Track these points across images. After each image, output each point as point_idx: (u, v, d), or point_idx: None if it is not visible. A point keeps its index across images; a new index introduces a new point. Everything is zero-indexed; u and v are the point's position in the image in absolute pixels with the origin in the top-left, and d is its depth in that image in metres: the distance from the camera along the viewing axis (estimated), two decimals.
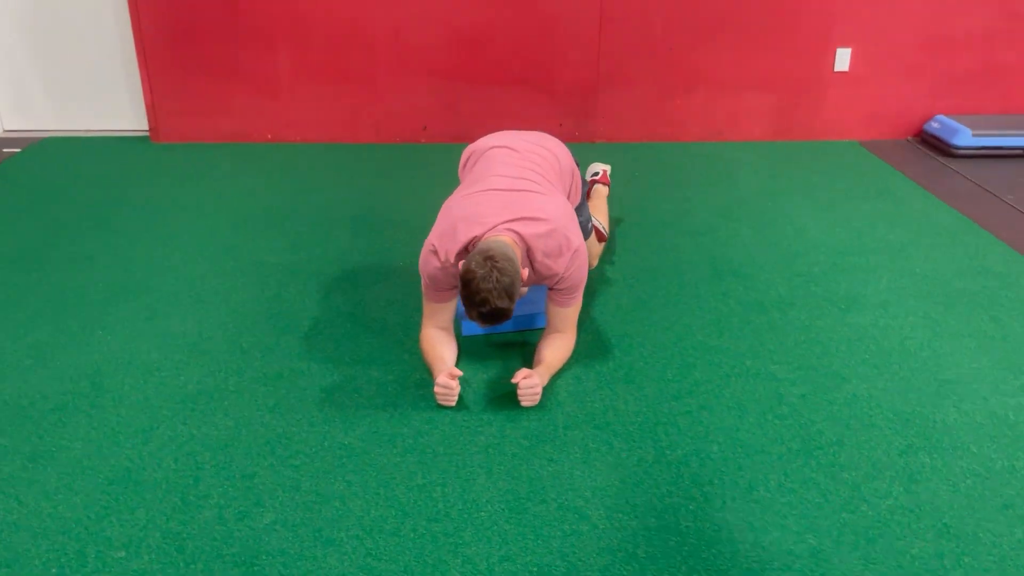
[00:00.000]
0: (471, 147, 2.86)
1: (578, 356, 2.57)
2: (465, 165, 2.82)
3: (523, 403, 2.35)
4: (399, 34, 4.50)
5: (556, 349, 2.50)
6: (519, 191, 2.49)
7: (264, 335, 2.72)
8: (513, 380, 2.33)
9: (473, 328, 2.73)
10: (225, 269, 3.18)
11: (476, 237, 2.36)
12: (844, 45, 4.59)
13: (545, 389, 2.39)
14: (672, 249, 3.37)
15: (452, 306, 2.57)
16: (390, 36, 4.51)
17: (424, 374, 2.51)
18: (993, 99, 4.75)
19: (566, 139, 4.69)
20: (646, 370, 2.53)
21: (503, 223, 2.36)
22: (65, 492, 2.03)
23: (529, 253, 2.38)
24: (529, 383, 2.33)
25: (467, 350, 2.62)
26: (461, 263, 2.30)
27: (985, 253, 3.34)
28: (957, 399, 2.38)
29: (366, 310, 2.88)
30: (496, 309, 2.20)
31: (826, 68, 4.65)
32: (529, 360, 2.57)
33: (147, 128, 4.76)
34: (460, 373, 2.34)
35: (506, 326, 2.75)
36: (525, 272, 2.31)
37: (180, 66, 4.54)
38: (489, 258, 2.18)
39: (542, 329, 2.72)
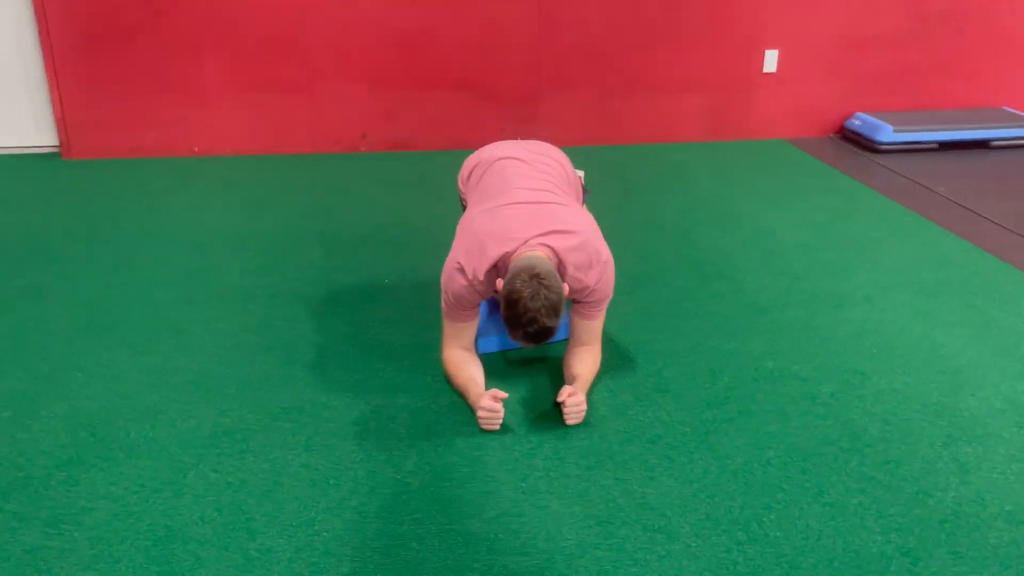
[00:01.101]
0: (473, 159, 2.76)
1: (603, 368, 2.52)
2: (469, 178, 2.72)
3: (569, 421, 2.29)
4: (335, 39, 4.32)
5: (586, 363, 2.45)
6: (544, 203, 2.43)
7: (267, 366, 2.54)
8: (559, 399, 2.27)
9: (490, 345, 2.64)
10: (197, 296, 2.95)
11: (507, 253, 2.28)
12: (772, 47, 4.75)
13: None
14: (653, 254, 3.38)
15: (475, 325, 2.48)
16: (326, 41, 4.32)
17: (453, 397, 2.40)
18: (905, 96, 5.03)
19: None
20: (675, 379, 2.52)
21: (534, 238, 2.29)
22: (106, 560, 1.81)
23: (560, 267, 2.32)
24: (575, 400, 2.27)
25: (488, 369, 2.53)
26: (499, 282, 2.22)
27: (939, 244, 3.52)
28: (972, 388, 2.49)
29: (367, 332, 2.74)
30: (544, 328, 2.13)
31: (755, 69, 4.79)
32: (556, 375, 2.51)
33: (56, 143, 4.38)
34: (505, 395, 2.25)
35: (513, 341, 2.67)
36: (566, 287, 2.25)
37: (94, 75, 4.20)
38: (535, 276, 2.11)
39: (557, 342, 2.67)
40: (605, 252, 2.38)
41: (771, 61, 4.78)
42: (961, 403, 2.42)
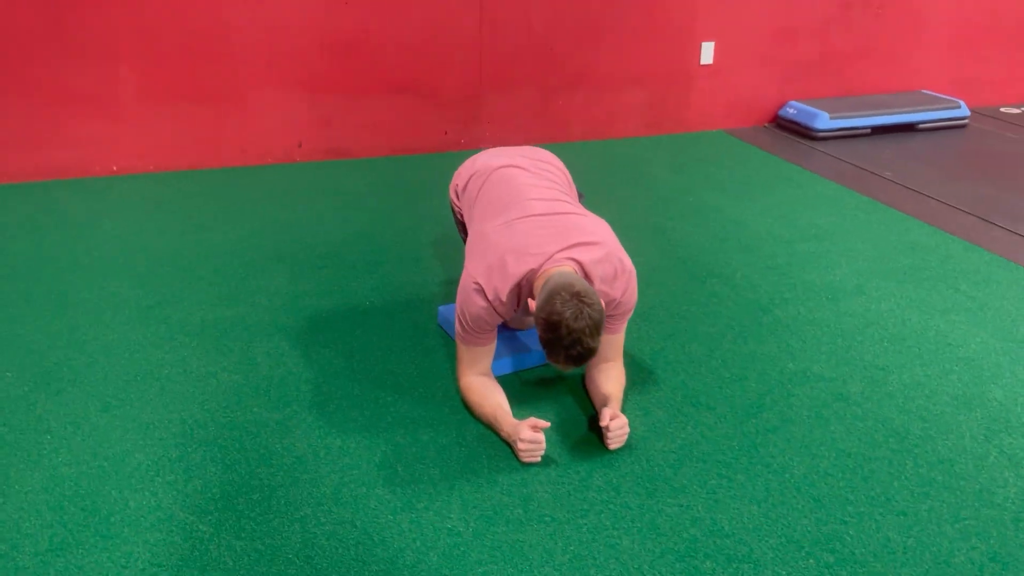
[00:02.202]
0: (467, 168, 2.58)
1: (626, 383, 2.39)
2: (466, 189, 2.54)
3: (612, 446, 2.15)
4: (265, 44, 4.02)
5: (614, 380, 2.31)
6: (561, 214, 2.27)
7: (262, 410, 2.29)
8: (602, 423, 2.12)
9: (502, 367, 2.47)
10: (159, 335, 2.65)
11: (532, 270, 2.12)
12: (708, 39, 4.73)
13: None
14: (637, 254, 3.21)
15: (493, 349, 2.31)
16: (255, 46, 4.01)
17: (479, 428, 2.22)
18: (832, 83, 5.11)
19: (452, 148, 4.49)
20: (704, 389, 2.41)
21: (559, 252, 2.14)
22: None
23: (587, 281, 2.17)
24: (620, 424, 2.13)
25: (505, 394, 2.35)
26: (531, 302, 2.06)
27: (904, 229, 3.56)
28: (992, 377, 2.49)
29: (363, 363, 2.52)
30: (588, 350, 1.98)
31: (693, 62, 4.76)
32: (578, 394, 2.37)
33: None
34: (546, 424, 2.09)
35: (531, 359, 2.52)
36: (604, 303, 2.11)
37: None
38: (575, 295, 1.96)
39: None
40: (628, 261, 2.25)
41: (708, 53, 4.76)
42: (988, 393, 2.41)
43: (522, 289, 2.16)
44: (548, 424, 2.08)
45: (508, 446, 2.15)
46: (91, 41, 3.78)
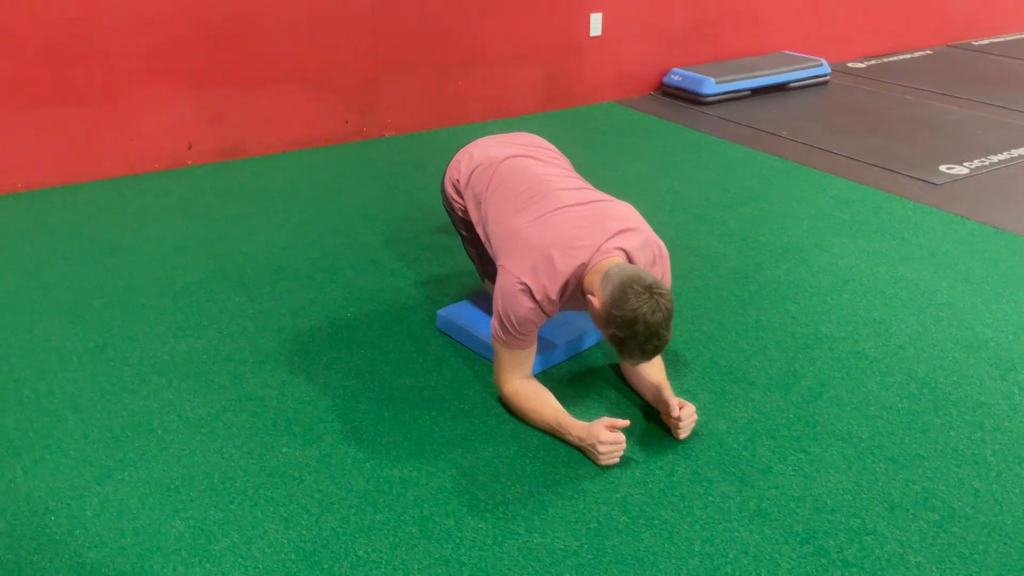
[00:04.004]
0: (466, 161, 2.42)
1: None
2: (469, 184, 2.37)
3: (683, 435, 2.09)
4: (141, 35, 3.58)
5: (658, 367, 2.25)
6: (591, 202, 2.18)
7: (295, 448, 2.04)
8: (673, 414, 2.05)
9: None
10: (127, 379, 2.31)
11: (583, 264, 2.02)
12: (596, 10, 4.71)
13: None
14: None
15: (534, 350, 2.18)
16: (130, 38, 3.57)
17: (537, 435, 2.09)
18: (706, 49, 5.26)
19: (354, 137, 4.23)
20: (733, 364, 2.40)
21: (605, 242, 2.05)
22: None
23: None
24: (690, 412, 2.08)
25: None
26: (592, 299, 1.95)
27: (827, 185, 3.72)
28: (973, 318, 2.64)
29: (378, 382, 2.31)
30: (663, 342, 1.91)
31: (582, 34, 4.74)
32: (618, 386, 2.29)
33: None
34: (626, 423, 1.99)
35: (558, 355, 2.41)
36: None
37: None
38: (648, 288, 1.87)
39: (589, 349, 2.45)
40: (662, 244, 2.20)
41: (596, 24, 4.74)
42: (981, 335, 2.55)
43: (570, 285, 2.05)
44: (627, 422, 1.99)
45: (577, 450, 2.03)
46: None
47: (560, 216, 2.11)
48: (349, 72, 4.11)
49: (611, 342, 1.94)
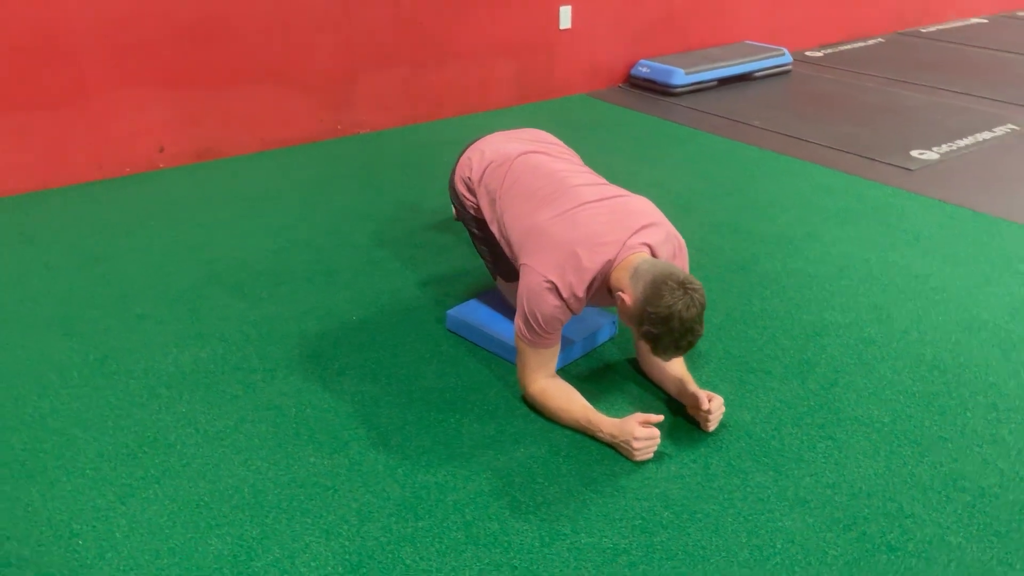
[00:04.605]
0: (477, 160, 2.39)
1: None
2: (482, 182, 2.34)
3: (712, 427, 2.10)
4: (111, 36, 3.46)
5: (679, 360, 2.25)
6: (610, 198, 2.18)
7: (321, 458, 2.00)
8: (703, 407, 2.06)
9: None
10: (135, 391, 2.23)
11: (609, 261, 2.01)
12: (565, 3, 4.71)
13: None
14: None
15: (559, 348, 2.16)
16: (100, 39, 3.44)
17: (567, 434, 2.08)
18: (671, 41, 5.30)
19: (329, 136, 4.17)
20: (748, 354, 2.42)
21: (630, 238, 2.04)
22: None
23: None
24: (719, 404, 2.09)
25: None
26: (622, 296, 1.94)
27: (808, 173, 3.77)
28: (967, 299, 2.71)
29: (397, 386, 2.27)
30: (697, 338, 1.92)
31: (552, 27, 4.73)
32: (635, 378, 2.31)
33: None
34: (660, 418, 1.99)
35: (576, 352, 2.40)
36: None
37: None
38: (681, 283, 1.88)
39: (602, 345, 2.45)
40: (680, 237, 2.20)
41: (566, 18, 4.73)
42: (978, 316, 2.61)
43: (596, 282, 2.04)
44: (660, 417, 1.99)
45: (609, 447, 2.03)
46: None
47: (582, 213, 2.09)
48: (323, 69, 4.03)
49: (644, 339, 1.93)
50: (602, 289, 2.06)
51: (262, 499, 1.86)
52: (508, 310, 2.49)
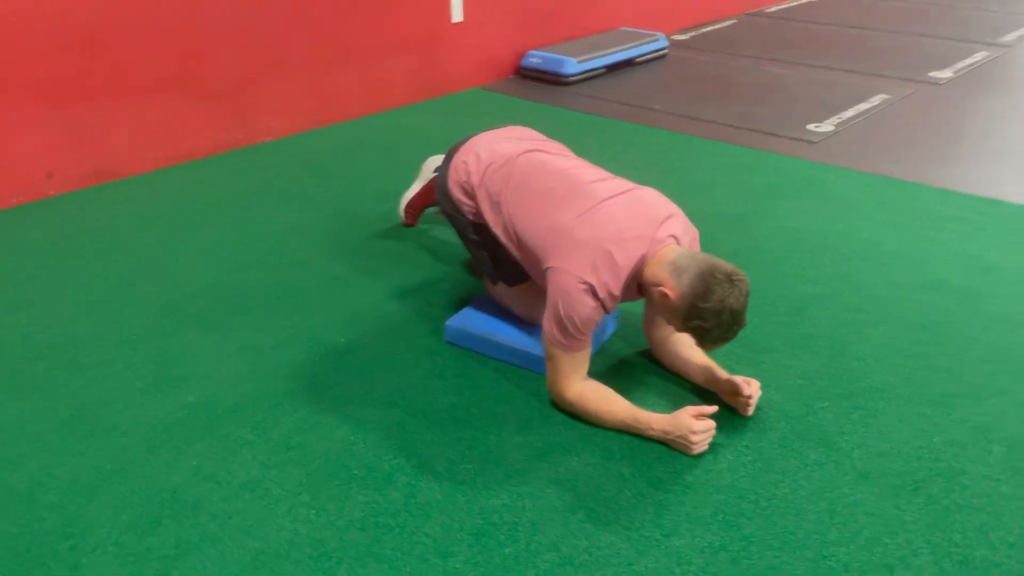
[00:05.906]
0: (472, 162, 2.30)
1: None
2: (482, 184, 2.24)
3: (750, 412, 2.11)
4: None
5: (698, 347, 2.25)
6: (624, 192, 2.16)
7: (374, 494, 1.85)
8: (744, 393, 2.07)
9: None
10: (120, 448, 1.98)
11: (643, 257, 1.98)
12: None
13: None
14: None
15: (590, 350, 2.11)
16: None
17: (617, 437, 2.03)
18: (554, 30, 5.31)
19: (232, 146, 3.93)
20: (745, 333, 2.44)
21: (657, 231, 2.03)
22: None
23: None
24: (756, 387, 2.11)
25: None
26: (661, 291, 1.93)
27: (730, 154, 3.87)
28: (935, 264, 2.85)
29: (419, 407, 2.14)
30: (743, 327, 1.93)
31: (445, 21, 4.62)
32: (655, 370, 2.29)
33: None
34: (714, 408, 1.98)
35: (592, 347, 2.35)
36: None
37: None
38: (728, 276, 1.89)
39: (607, 341, 2.42)
40: (693, 226, 2.20)
41: (457, 11, 4.64)
42: (950, 281, 2.69)
43: (629, 279, 2.00)
44: (715, 408, 1.98)
45: (660, 443, 2.00)
46: None
47: (604, 210, 2.05)
48: (223, 75, 3.74)
49: (692, 332, 1.92)
50: (631, 285, 2.02)
51: (324, 548, 1.70)
52: (507, 315, 2.40)
